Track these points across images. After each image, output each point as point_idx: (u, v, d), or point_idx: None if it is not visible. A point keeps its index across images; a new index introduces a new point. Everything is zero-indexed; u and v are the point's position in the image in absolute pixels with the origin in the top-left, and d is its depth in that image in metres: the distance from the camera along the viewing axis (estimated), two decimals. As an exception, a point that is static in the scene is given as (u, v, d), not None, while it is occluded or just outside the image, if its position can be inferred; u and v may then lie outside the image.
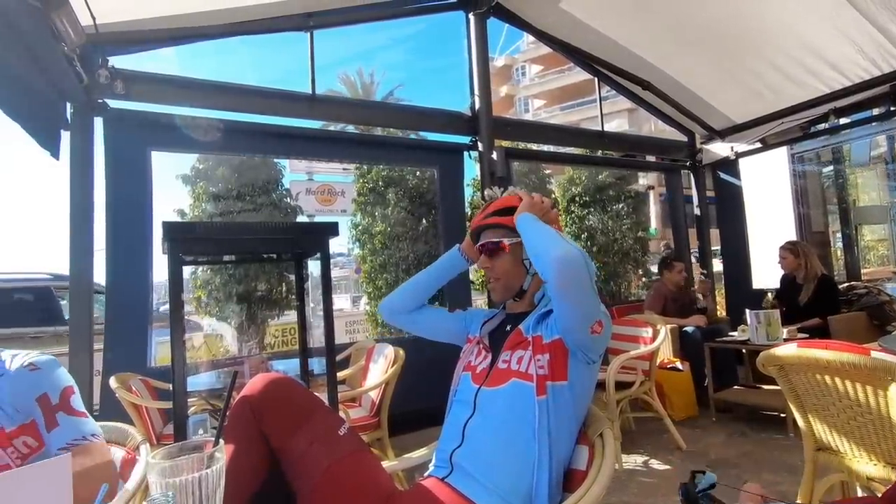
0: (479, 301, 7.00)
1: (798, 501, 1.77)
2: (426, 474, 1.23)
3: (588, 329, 1.11)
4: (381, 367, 2.74)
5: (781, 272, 4.03)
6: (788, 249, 3.90)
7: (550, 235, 1.16)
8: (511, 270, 1.31)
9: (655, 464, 2.90)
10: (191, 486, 0.59)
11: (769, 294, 3.96)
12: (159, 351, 3.96)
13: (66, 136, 2.88)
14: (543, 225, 1.21)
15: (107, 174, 3.05)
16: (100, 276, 3.01)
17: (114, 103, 3.09)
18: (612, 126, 5.36)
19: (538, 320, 1.22)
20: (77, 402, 1.14)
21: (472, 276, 4.99)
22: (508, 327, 1.30)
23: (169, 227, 1.38)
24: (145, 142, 3.20)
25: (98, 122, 3.04)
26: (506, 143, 4.74)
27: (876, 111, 4.34)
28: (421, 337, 1.51)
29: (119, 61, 3.10)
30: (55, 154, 2.83)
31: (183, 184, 7.40)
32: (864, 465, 1.60)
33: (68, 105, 2.90)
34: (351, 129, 9.04)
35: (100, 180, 3.02)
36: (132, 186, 3.12)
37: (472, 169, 4.43)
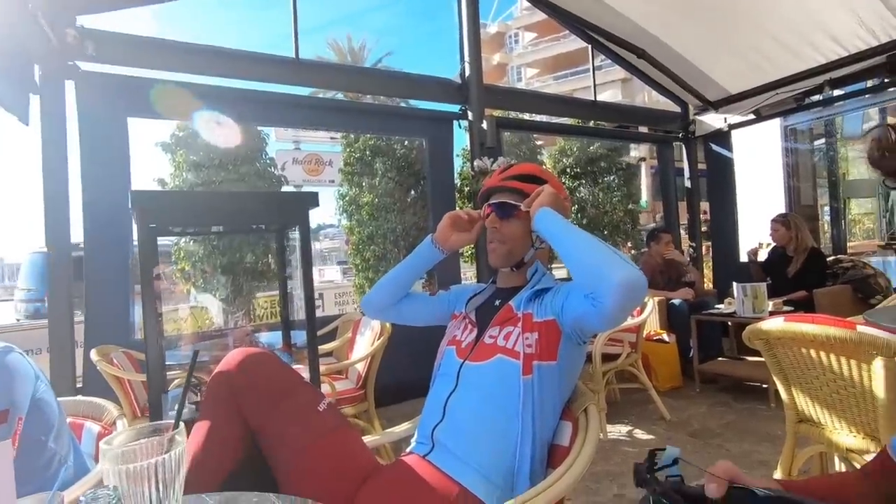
0: (469, 273, 6.99)
1: (775, 478, 1.79)
2: (408, 450, 1.21)
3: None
4: (367, 340, 2.72)
5: (772, 244, 4.05)
6: (780, 222, 3.91)
7: (601, 247, 1.05)
8: (520, 238, 1.26)
9: (639, 433, 2.95)
10: (146, 473, 0.56)
11: (759, 244, 4.01)
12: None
13: (35, 101, 2.76)
14: (580, 231, 1.12)
15: (81, 141, 2.93)
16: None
17: (86, 66, 2.94)
18: (605, 96, 5.26)
19: (530, 298, 1.19)
20: None
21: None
22: (498, 302, 1.26)
23: (138, 196, 1.31)
24: (122, 108, 3.07)
25: (70, 87, 2.90)
26: (497, 113, 4.64)
27: (870, 83, 4.28)
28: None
29: (90, 21, 2.95)
30: (24, 119, 2.70)
31: (163, 152, 7.18)
32: (844, 436, 1.62)
33: (36, 67, 2.76)
34: (340, 96, 8.82)
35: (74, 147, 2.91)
36: (109, 154, 3.00)
37: (461, 139, 4.33)
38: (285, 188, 8.22)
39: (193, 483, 0.91)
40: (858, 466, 1.60)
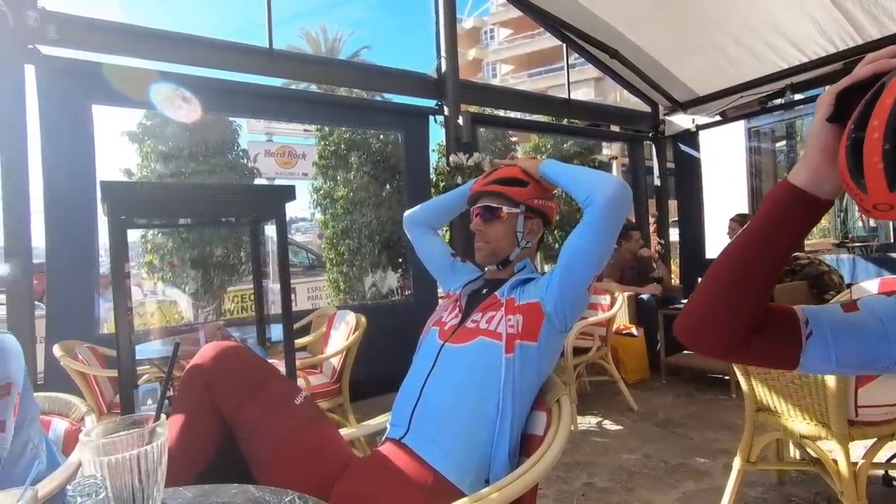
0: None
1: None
2: (384, 437, 1.23)
3: (590, 280, 1.16)
4: (342, 334, 2.72)
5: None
6: (737, 221, 4.05)
7: (596, 170, 1.26)
8: (503, 238, 1.32)
9: (608, 424, 3.04)
10: (128, 465, 0.56)
11: None
12: (109, 317, 3.79)
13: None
14: (576, 166, 1.32)
15: (42, 128, 2.82)
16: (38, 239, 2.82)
17: (48, 50, 2.83)
18: (578, 95, 5.34)
19: (513, 286, 1.25)
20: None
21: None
22: (485, 291, 1.32)
23: (108, 188, 1.28)
24: (86, 94, 2.96)
25: (30, 71, 2.78)
26: (472, 109, 4.66)
27: (828, 88, 4.47)
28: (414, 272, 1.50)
29: (52, 3, 2.83)
30: (-20, 104, 2.59)
31: (129, 141, 6.93)
32: (798, 423, 1.72)
33: (-7, 50, 2.64)
34: (314, 88, 8.67)
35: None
36: (72, 143, 2.89)
37: (437, 134, 4.33)
38: (257, 181, 8.05)
39: (169, 476, 0.90)
40: (812, 452, 1.70)
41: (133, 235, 6.76)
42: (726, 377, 3.43)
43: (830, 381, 1.55)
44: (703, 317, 0.63)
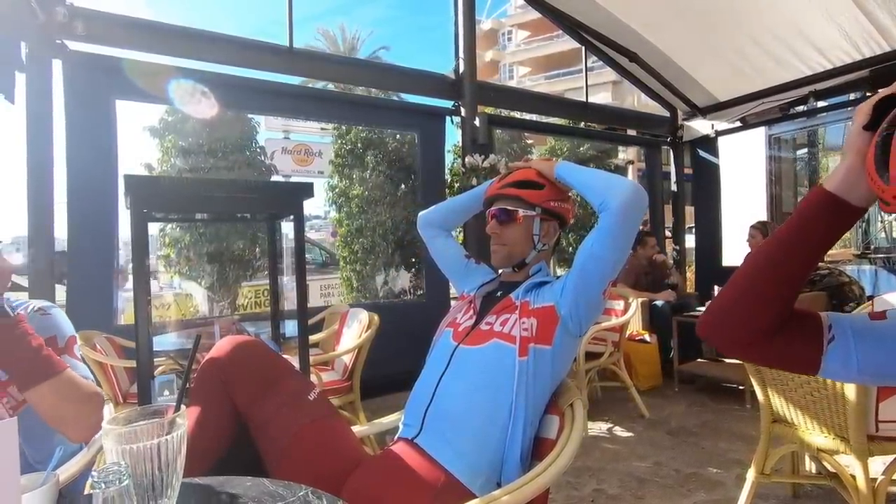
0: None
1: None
2: (396, 436, 1.24)
3: (605, 285, 1.16)
4: (354, 332, 2.73)
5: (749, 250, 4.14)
6: (758, 229, 4.00)
7: (610, 173, 1.25)
8: (519, 241, 1.32)
9: (619, 431, 3.01)
10: (149, 454, 0.57)
11: None
12: (127, 308, 3.86)
13: (21, 80, 2.70)
14: (591, 168, 1.32)
15: (67, 122, 2.88)
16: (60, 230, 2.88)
17: (74, 45, 2.89)
18: (596, 98, 5.30)
19: (528, 289, 1.24)
20: (78, 350, 1.14)
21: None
22: (500, 293, 1.31)
23: (132, 182, 1.30)
24: (110, 89, 3.02)
25: (57, 66, 2.85)
26: (489, 110, 4.66)
27: (853, 96, 4.39)
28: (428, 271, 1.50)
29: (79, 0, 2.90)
30: (10, 97, 2.66)
31: (150, 136, 7.05)
32: (815, 436, 1.68)
33: (23, 44, 2.70)
34: (331, 87, 8.73)
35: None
36: (96, 137, 2.95)
37: (453, 134, 4.35)
38: (274, 178, 8.14)
39: (184, 466, 0.92)
40: (829, 466, 1.67)
41: (151, 229, 6.88)
42: (740, 387, 3.38)
43: (850, 394, 1.52)
44: (731, 305, 0.65)
